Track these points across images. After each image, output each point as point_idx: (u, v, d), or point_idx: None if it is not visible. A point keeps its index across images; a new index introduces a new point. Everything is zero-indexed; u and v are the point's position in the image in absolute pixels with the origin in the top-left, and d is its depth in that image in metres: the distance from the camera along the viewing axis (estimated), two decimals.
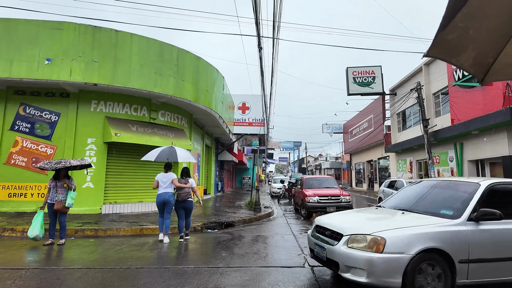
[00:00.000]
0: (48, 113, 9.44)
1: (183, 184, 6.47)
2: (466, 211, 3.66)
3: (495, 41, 2.01)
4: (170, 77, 9.90)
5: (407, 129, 20.87)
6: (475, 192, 3.85)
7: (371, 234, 3.46)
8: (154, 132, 10.46)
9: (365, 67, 22.43)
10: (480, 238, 3.55)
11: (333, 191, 10.93)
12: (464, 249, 3.47)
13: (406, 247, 3.33)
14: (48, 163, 6.02)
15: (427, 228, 3.49)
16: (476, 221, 3.61)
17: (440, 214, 3.82)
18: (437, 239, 3.41)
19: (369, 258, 3.31)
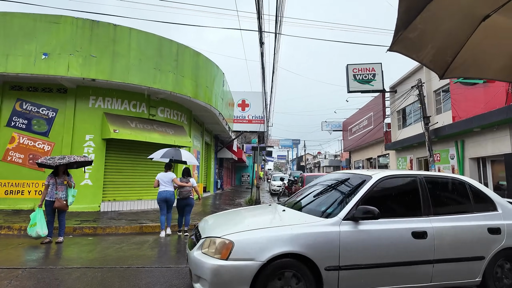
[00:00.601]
0: (45, 109, 9.26)
1: (184, 183, 6.75)
2: (344, 209, 3.16)
3: (452, 43, 2.22)
4: (169, 73, 9.73)
5: (407, 127, 20.78)
6: (362, 187, 3.38)
7: (221, 237, 2.89)
8: (154, 128, 10.30)
9: (365, 64, 22.31)
10: (357, 241, 3.05)
11: None
12: (334, 254, 2.95)
13: (257, 252, 2.78)
14: (50, 159, 5.85)
15: (288, 230, 2.94)
16: (355, 221, 3.12)
17: (320, 212, 3.34)
18: (298, 242, 2.88)
19: (212, 267, 2.75)
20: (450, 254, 3.34)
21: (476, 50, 2.23)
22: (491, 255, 3.47)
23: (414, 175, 3.69)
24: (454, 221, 3.47)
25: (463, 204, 3.69)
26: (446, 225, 3.41)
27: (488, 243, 3.47)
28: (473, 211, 3.60)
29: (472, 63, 2.35)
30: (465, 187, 3.74)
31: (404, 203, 3.57)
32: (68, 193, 6.00)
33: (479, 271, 3.44)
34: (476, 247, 3.44)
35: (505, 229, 3.55)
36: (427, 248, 3.26)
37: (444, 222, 3.42)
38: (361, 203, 3.21)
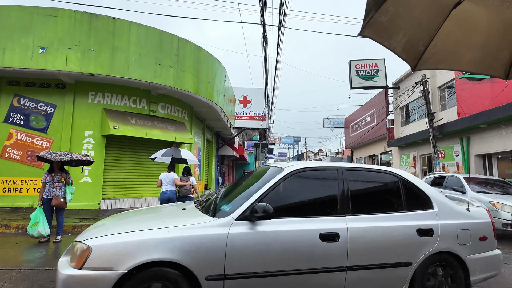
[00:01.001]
0: (43, 104, 9.07)
1: (184, 182, 6.87)
2: (240, 208, 2.73)
3: (424, 31, 2.10)
4: (170, 68, 9.51)
5: (411, 124, 20.54)
6: (269, 181, 2.94)
7: (82, 241, 2.48)
8: (154, 125, 10.10)
9: (368, 60, 22.03)
10: (251, 245, 2.60)
11: None
12: (217, 260, 2.51)
13: (119, 260, 2.34)
14: (52, 153, 5.65)
15: (164, 233, 2.49)
16: (251, 221, 2.67)
17: (216, 211, 2.92)
18: (172, 247, 2.44)
19: (62, 277, 2.33)
20: (368, 259, 2.90)
21: (448, 40, 2.14)
22: (420, 260, 3.01)
23: (334, 167, 3.24)
24: (376, 221, 3.01)
25: (391, 201, 3.24)
26: (366, 225, 2.96)
27: (417, 247, 3.01)
28: (403, 210, 3.15)
29: (444, 53, 2.24)
30: (397, 182, 3.28)
31: (318, 200, 3.11)
32: (66, 190, 5.82)
33: (405, 279, 2.99)
34: (401, 251, 2.98)
35: (439, 230, 3.09)
36: (338, 252, 2.80)
37: (363, 222, 2.97)
38: (263, 200, 2.76)
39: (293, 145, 77.96)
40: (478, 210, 3.44)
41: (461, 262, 3.16)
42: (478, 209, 3.47)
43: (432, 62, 2.29)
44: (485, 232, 3.30)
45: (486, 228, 3.32)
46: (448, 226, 3.15)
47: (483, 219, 3.35)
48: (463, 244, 3.16)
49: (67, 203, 5.82)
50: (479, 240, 3.24)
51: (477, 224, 3.28)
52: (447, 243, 3.11)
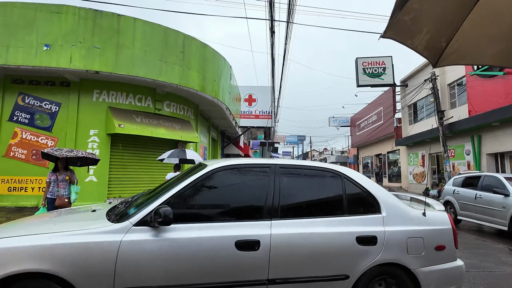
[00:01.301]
0: (48, 103, 8.96)
1: None
2: (142, 211, 2.39)
3: (447, 26, 2.07)
4: (175, 65, 9.34)
5: (419, 122, 20.17)
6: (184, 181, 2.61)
7: None
8: (160, 123, 9.95)
9: (375, 58, 21.71)
10: (150, 254, 2.27)
11: None
12: (105, 272, 2.19)
13: None
14: (57, 150, 5.52)
15: (44, 239, 2.16)
16: (152, 226, 2.34)
17: (119, 215, 2.62)
18: (51, 256, 2.11)
19: None
20: (295, 272, 2.52)
21: (472, 34, 2.09)
22: (359, 273, 2.61)
23: (266, 164, 2.86)
24: (309, 227, 2.61)
25: (330, 204, 2.85)
26: (294, 231, 2.57)
27: (356, 257, 2.62)
28: (344, 214, 2.75)
29: (467, 48, 2.20)
30: (339, 182, 2.87)
31: (241, 202, 2.75)
32: (71, 190, 5.69)
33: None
34: (336, 262, 2.59)
35: (384, 238, 2.67)
36: (258, 263, 2.44)
37: (292, 228, 2.58)
38: (173, 203, 2.43)
39: (297, 144, 77.68)
40: (437, 214, 2.97)
41: (411, 275, 2.72)
42: (437, 213, 2.99)
43: (454, 57, 2.23)
44: (443, 241, 2.83)
45: (444, 236, 2.84)
46: (396, 234, 2.72)
47: (442, 225, 2.88)
48: (414, 254, 2.72)
49: (72, 203, 5.69)
50: (434, 250, 2.77)
51: (433, 231, 2.82)
52: (393, 253, 2.67)
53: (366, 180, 3.01)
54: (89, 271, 2.18)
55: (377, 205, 2.84)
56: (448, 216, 3.00)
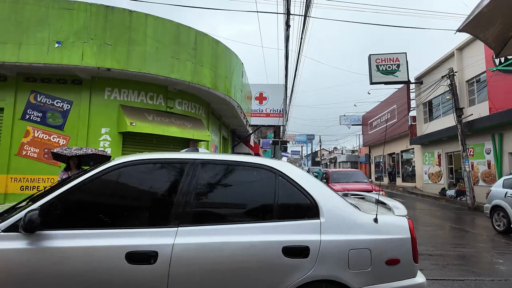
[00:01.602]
0: (60, 101, 8.86)
1: None
2: (16, 215, 2.06)
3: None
4: (187, 62, 9.14)
5: (435, 120, 19.60)
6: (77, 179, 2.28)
7: None
8: (172, 121, 9.78)
9: (389, 54, 21.18)
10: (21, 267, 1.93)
11: (364, 186, 10.06)
12: None
13: None
14: (67, 149, 5.45)
15: None
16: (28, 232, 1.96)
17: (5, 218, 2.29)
18: None
19: None
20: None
21: None
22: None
23: (185, 159, 2.42)
24: (225, 235, 2.17)
25: (258, 207, 2.39)
26: (205, 241, 2.13)
27: (281, 273, 2.16)
28: (274, 218, 2.30)
29: None
30: (272, 180, 2.41)
31: (144, 204, 2.36)
32: None
33: None
34: (256, 278, 2.14)
35: (318, 249, 2.20)
36: (152, 280, 2.02)
37: (203, 237, 2.15)
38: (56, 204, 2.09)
39: (306, 143, 77.04)
40: (393, 221, 2.46)
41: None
42: (394, 219, 2.48)
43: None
44: (397, 253, 2.31)
45: (399, 247, 2.32)
46: (334, 244, 2.23)
47: (397, 234, 2.36)
48: (358, 269, 2.22)
49: None
50: (385, 265, 2.27)
51: (385, 242, 2.31)
52: (330, 268, 2.20)
53: (305, 177, 2.51)
54: None
55: (316, 208, 2.35)
56: (408, 222, 2.44)
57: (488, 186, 14.14)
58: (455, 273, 4.18)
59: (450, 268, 4.38)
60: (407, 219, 2.48)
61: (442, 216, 10.23)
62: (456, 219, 9.76)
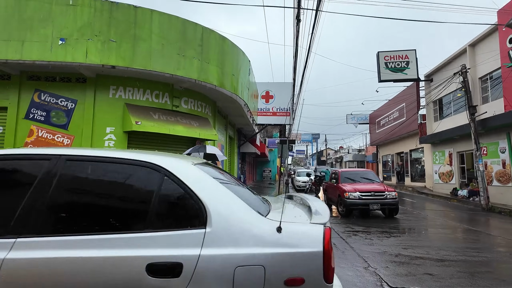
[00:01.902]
0: (64, 100, 8.68)
1: None
2: None
3: None
4: (194, 59, 8.89)
5: (445, 118, 19.13)
6: None
7: None
8: (178, 120, 9.55)
9: (398, 51, 20.75)
10: None
11: (376, 186, 9.72)
12: None
13: None
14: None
15: None
16: None
17: None
18: None
19: None
20: None
21: None
22: None
23: (45, 156, 2.02)
24: (73, 248, 1.75)
25: (129, 213, 1.96)
26: (48, 256, 1.70)
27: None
28: (148, 228, 1.84)
29: None
30: (156, 180, 1.98)
31: None
32: None
33: None
34: None
35: (195, 267, 1.73)
36: None
37: (48, 251, 1.72)
38: None
39: (311, 142, 76.51)
40: (302, 230, 1.92)
41: None
42: (304, 228, 1.94)
43: None
44: (302, 271, 1.80)
45: (305, 264, 1.81)
46: (217, 260, 1.76)
47: (305, 248, 1.83)
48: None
49: None
50: (283, 285, 1.78)
51: (286, 257, 1.80)
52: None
53: (197, 177, 2.04)
54: None
55: (203, 214, 1.88)
56: (324, 232, 1.89)
57: (503, 186, 13.69)
58: (486, 282, 3.87)
59: (479, 276, 4.06)
60: (324, 228, 1.91)
61: (457, 218, 9.86)
62: (472, 221, 9.39)
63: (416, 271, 4.16)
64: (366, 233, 6.93)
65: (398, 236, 6.72)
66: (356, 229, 7.41)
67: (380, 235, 6.69)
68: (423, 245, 5.77)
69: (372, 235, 6.69)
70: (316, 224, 1.94)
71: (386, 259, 4.79)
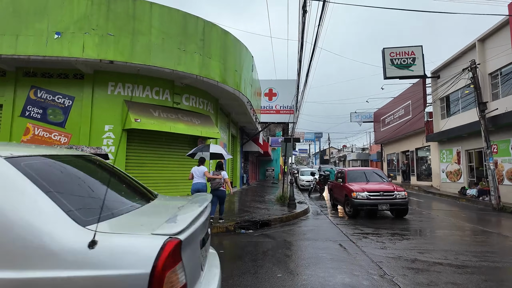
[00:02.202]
0: (61, 97, 8.39)
1: (215, 175, 7.23)
2: None
3: None
4: (195, 54, 8.56)
5: (453, 116, 18.67)
6: None
7: None
8: (178, 118, 9.23)
9: (403, 48, 20.29)
10: None
11: (385, 186, 9.34)
12: None
13: None
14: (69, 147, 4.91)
15: None
16: None
17: None
18: None
19: None
20: None
21: None
22: None
23: None
24: None
25: None
26: None
27: None
28: None
29: None
30: None
31: None
32: None
33: None
34: None
35: None
36: None
37: None
38: None
39: (314, 141, 75.96)
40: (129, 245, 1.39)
41: None
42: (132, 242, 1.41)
43: None
44: None
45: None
46: None
47: (123, 269, 1.33)
48: None
49: None
50: None
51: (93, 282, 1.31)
52: None
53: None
54: None
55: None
56: (164, 246, 1.38)
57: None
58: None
59: (508, 285, 3.70)
60: (166, 240, 1.41)
61: (469, 218, 9.47)
62: (485, 221, 8.99)
63: (438, 279, 3.80)
64: (376, 235, 6.58)
65: (411, 238, 6.35)
66: (365, 231, 7.06)
67: (392, 238, 6.33)
68: (439, 249, 5.41)
69: (384, 238, 6.33)
70: (158, 236, 1.42)
71: (403, 265, 4.43)
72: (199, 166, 7.25)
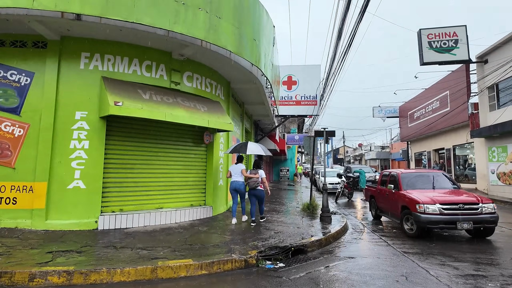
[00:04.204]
0: (15, 72, 6.07)
1: (252, 174, 6.96)
2: None
3: None
4: (199, 10, 6.07)
5: (503, 107, 15.77)
6: None
7: None
8: (177, 102, 6.81)
9: (444, 28, 17.49)
10: None
11: (465, 197, 6.73)
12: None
13: None
14: None
15: None
16: None
17: None
18: None
19: None
20: None
21: None
22: None
23: None
24: None
25: None
26: None
27: None
28: None
29: None
30: None
31: None
32: None
33: None
34: None
35: None
36: None
37: None
38: None
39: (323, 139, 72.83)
40: None
41: None
42: None
43: None
44: None
45: None
46: None
47: None
48: None
49: None
50: None
51: None
52: None
53: None
54: None
55: None
56: None
57: None
58: None
59: None
60: None
61: None
62: None
63: None
64: (485, 279, 4.04)
65: None
66: (462, 269, 4.52)
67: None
68: None
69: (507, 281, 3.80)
70: None
71: None
72: (236, 164, 7.11)
